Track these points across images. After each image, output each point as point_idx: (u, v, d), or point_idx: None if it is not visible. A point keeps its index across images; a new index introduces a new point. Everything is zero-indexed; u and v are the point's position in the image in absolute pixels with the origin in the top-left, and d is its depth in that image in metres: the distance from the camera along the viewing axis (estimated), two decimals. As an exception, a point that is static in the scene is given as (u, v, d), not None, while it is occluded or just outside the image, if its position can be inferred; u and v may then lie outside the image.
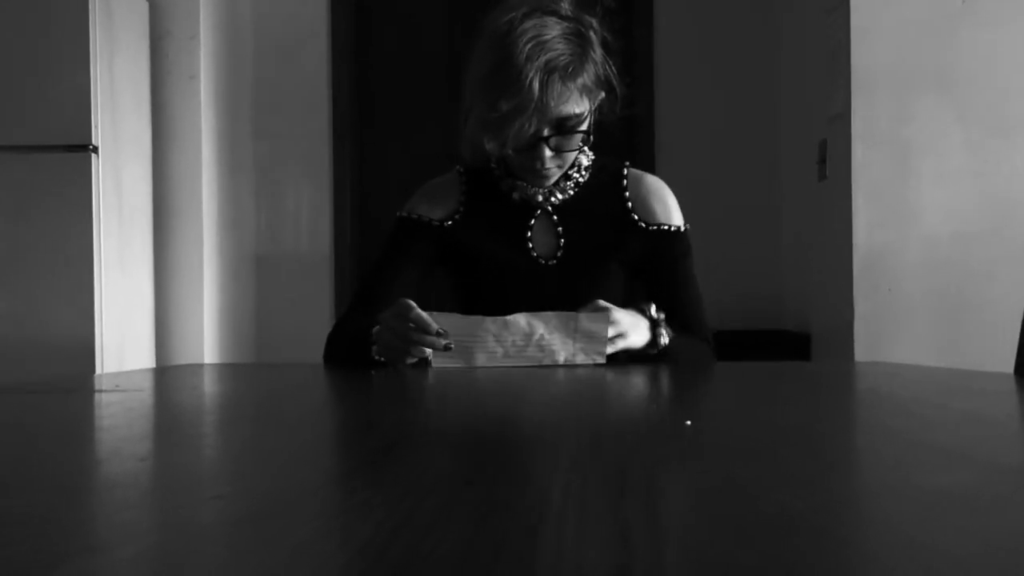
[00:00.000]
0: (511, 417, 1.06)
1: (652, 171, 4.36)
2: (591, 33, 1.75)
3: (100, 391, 1.39)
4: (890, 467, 0.70)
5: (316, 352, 1.92)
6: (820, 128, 3.70)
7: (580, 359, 1.62)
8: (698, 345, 1.86)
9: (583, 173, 1.89)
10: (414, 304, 1.59)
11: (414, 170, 2.03)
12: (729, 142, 4.46)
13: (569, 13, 1.74)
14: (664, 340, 1.70)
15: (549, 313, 1.62)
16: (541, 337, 1.61)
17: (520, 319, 1.62)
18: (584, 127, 1.76)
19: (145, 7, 3.94)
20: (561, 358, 1.62)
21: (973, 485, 0.62)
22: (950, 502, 0.57)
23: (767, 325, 4.37)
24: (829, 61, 3.54)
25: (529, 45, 1.65)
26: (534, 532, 0.49)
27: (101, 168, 3.37)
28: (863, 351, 3.30)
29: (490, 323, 1.61)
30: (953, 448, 0.77)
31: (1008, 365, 1.64)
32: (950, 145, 3.34)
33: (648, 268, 1.89)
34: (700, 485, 0.63)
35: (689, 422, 0.89)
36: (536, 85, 1.64)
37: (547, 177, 1.82)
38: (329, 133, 4.42)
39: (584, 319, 1.62)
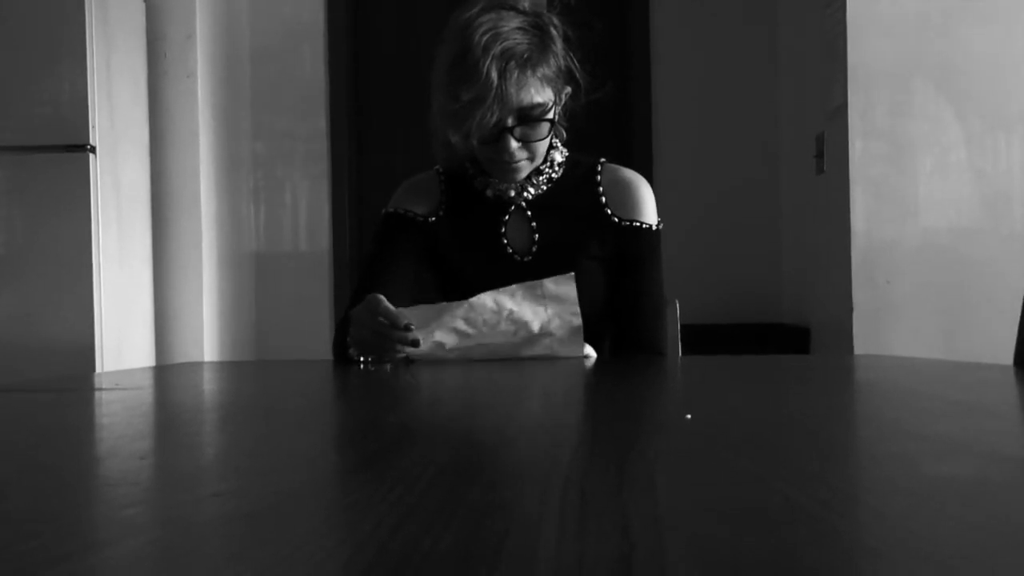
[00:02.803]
0: (510, 413, 1.06)
1: (650, 165, 4.38)
2: (551, 27, 1.77)
3: (100, 390, 1.39)
4: (890, 458, 0.70)
5: (315, 349, 1.92)
6: (818, 122, 3.70)
7: (555, 325, 1.62)
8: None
9: (556, 169, 1.89)
10: (383, 298, 1.60)
11: (411, 168, 2.03)
12: (727, 136, 4.46)
13: (527, 8, 1.76)
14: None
15: (513, 286, 1.63)
16: (511, 312, 1.62)
17: (486, 298, 1.63)
18: (549, 117, 1.76)
19: (142, 7, 3.94)
20: (536, 326, 1.62)
21: (973, 476, 0.62)
22: (950, 493, 0.57)
23: (766, 319, 4.37)
24: (827, 55, 3.54)
25: (487, 36, 1.68)
26: (534, 526, 0.49)
27: (99, 168, 3.37)
28: (862, 344, 3.31)
29: (456, 307, 1.62)
30: (953, 439, 0.77)
31: (1007, 357, 1.64)
32: (948, 139, 3.35)
33: (615, 263, 1.89)
34: (700, 477, 0.63)
35: (689, 415, 0.89)
36: (494, 74, 1.66)
37: (517, 170, 1.81)
38: (327, 131, 4.43)
39: (549, 284, 1.63)
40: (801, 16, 4.04)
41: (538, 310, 1.62)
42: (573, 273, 1.64)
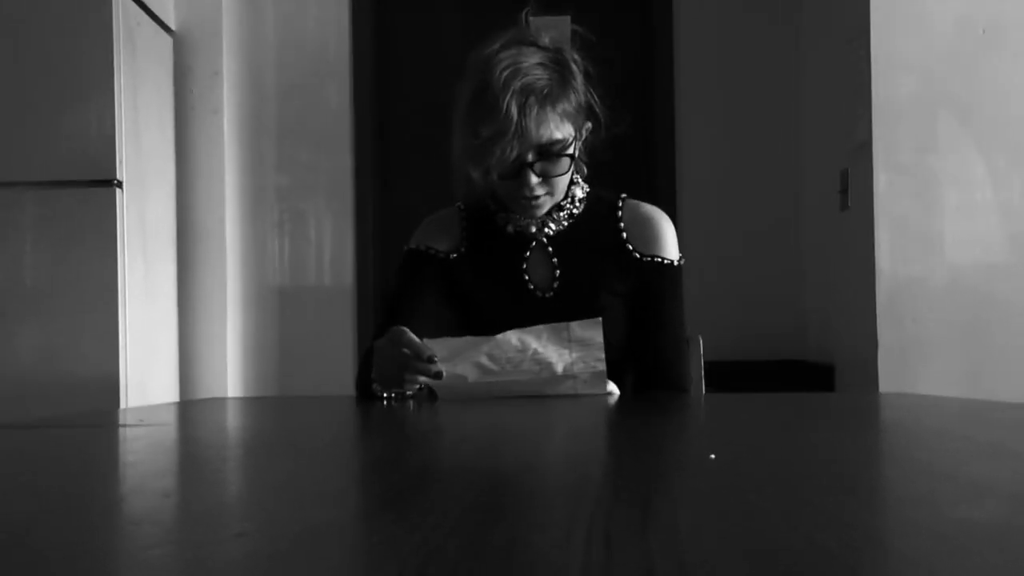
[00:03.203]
0: (534, 453, 1.06)
1: (674, 201, 4.37)
2: (571, 63, 1.77)
3: (124, 426, 1.40)
4: (916, 500, 0.70)
5: (339, 384, 1.92)
6: (842, 158, 3.70)
7: (579, 368, 1.61)
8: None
9: (577, 204, 1.89)
10: (407, 330, 1.60)
11: (435, 204, 2.04)
12: (750, 172, 4.46)
13: (548, 44, 1.76)
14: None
15: (540, 327, 1.63)
16: (535, 352, 1.61)
17: (511, 336, 1.62)
18: (569, 152, 1.77)
19: (169, 42, 3.98)
20: (559, 368, 1.61)
21: (1000, 519, 0.62)
22: (977, 536, 0.56)
23: (790, 356, 4.35)
24: (851, 90, 3.54)
25: (507, 72, 1.68)
26: (559, 568, 0.48)
27: (126, 203, 3.39)
28: (887, 382, 3.28)
29: (482, 342, 1.62)
30: (979, 481, 0.77)
31: (1035, 396, 1.62)
32: (974, 175, 3.33)
33: (637, 299, 1.88)
34: (725, 519, 0.62)
35: (713, 455, 0.88)
36: (514, 110, 1.66)
37: (537, 207, 1.81)
38: (351, 166, 4.44)
39: (576, 327, 1.62)
40: (825, 52, 4.04)
41: (563, 352, 1.62)
42: (600, 318, 1.64)
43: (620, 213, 1.90)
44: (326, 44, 4.45)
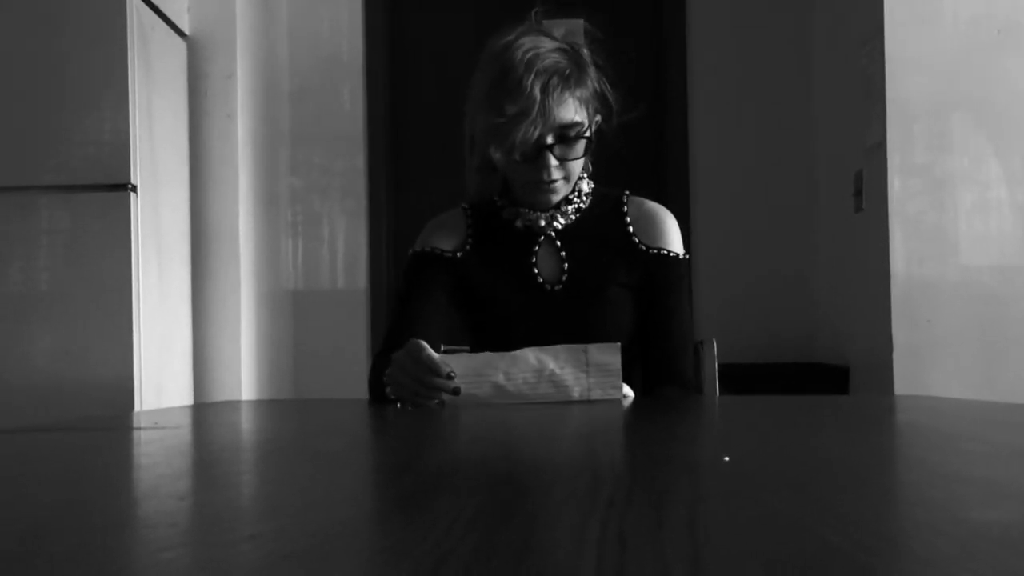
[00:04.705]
0: (546, 455, 1.06)
1: (687, 202, 4.36)
2: (583, 55, 1.84)
3: (139, 428, 1.40)
4: (932, 502, 0.70)
5: (353, 387, 1.92)
6: (856, 159, 3.69)
7: (596, 395, 1.60)
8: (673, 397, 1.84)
9: (584, 199, 1.92)
10: (425, 345, 1.58)
11: (448, 205, 2.05)
12: (764, 173, 4.44)
13: (561, 37, 1.83)
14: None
15: (558, 347, 1.61)
16: (552, 373, 1.60)
17: (528, 354, 1.61)
18: (587, 135, 1.81)
19: (183, 46, 3.99)
20: (575, 393, 1.60)
21: (1016, 521, 0.61)
22: (993, 538, 0.56)
23: (804, 358, 4.34)
24: (865, 91, 3.53)
25: (529, 55, 1.74)
26: (573, 568, 0.48)
27: (140, 206, 3.40)
28: (902, 384, 3.27)
29: (499, 360, 1.61)
30: (996, 483, 0.76)
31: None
32: (988, 176, 3.32)
33: (643, 292, 1.89)
34: (740, 521, 0.62)
35: (727, 458, 0.88)
36: (537, 90, 1.72)
37: (552, 191, 1.84)
38: (365, 169, 4.45)
39: (594, 350, 1.61)
40: (839, 52, 4.03)
41: (580, 376, 1.60)
42: (619, 343, 1.62)
43: (626, 208, 1.94)
44: (339, 47, 4.47)
